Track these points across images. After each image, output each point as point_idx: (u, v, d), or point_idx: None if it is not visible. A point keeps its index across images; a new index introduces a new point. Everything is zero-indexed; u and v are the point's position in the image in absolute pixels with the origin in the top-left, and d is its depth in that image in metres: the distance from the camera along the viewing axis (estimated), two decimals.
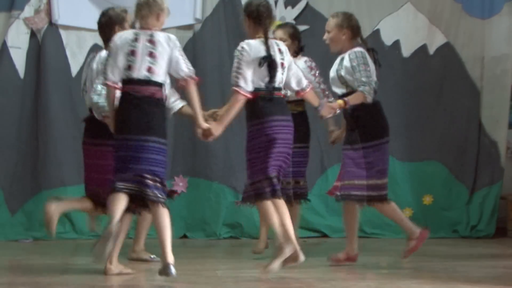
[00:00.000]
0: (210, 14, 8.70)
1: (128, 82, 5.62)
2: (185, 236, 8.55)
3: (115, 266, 5.99)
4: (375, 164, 6.41)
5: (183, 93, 5.96)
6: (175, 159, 8.48)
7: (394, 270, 6.46)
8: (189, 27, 8.73)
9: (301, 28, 8.63)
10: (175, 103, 6.42)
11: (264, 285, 5.78)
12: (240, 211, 8.18)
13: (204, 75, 8.04)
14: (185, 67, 5.68)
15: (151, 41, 5.62)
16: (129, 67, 5.60)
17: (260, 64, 5.79)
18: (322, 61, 8.17)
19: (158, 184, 5.60)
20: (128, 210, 5.72)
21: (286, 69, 5.97)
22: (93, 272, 6.09)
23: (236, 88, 5.81)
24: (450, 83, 8.92)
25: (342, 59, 6.48)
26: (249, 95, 5.81)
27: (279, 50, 5.96)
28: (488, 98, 8.91)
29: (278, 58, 5.90)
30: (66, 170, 8.39)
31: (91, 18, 8.45)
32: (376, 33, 8.87)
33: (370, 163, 6.40)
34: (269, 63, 5.81)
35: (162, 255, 5.58)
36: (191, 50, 8.60)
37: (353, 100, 6.31)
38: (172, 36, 5.70)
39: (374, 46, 8.82)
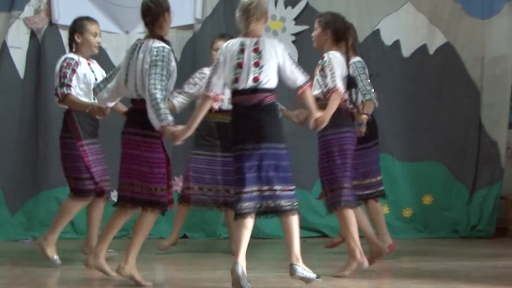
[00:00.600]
0: (210, 14, 8.70)
1: (236, 93, 5.54)
2: (185, 236, 8.55)
3: (129, 268, 5.64)
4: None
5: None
6: (175, 159, 8.46)
7: (394, 270, 6.46)
8: (189, 27, 8.73)
9: (301, 28, 8.66)
10: None
11: (264, 285, 5.77)
12: None
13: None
14: (301, 76, 5.62)
15: (256, 50, 5.52)
16: (236, 80, 5.51)
17: None
18: None
19: (290, 192, 5.52)
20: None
21: None
22: (92, 272, 6.09)
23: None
24: (450, 83, 8.92)
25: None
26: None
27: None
28: (488, 98, 8.91)
29: None
30: None
31: None
32: (376, 33, 8.87)
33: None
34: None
35: (291, 256, 5.60)
36: (191, 50, 8.61)
37: (370, 109, 6.68)
38: (281, 45, 5.63)
39: (374, 46, 8.89)
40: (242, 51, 5.50)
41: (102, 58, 8.08)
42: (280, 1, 8.79)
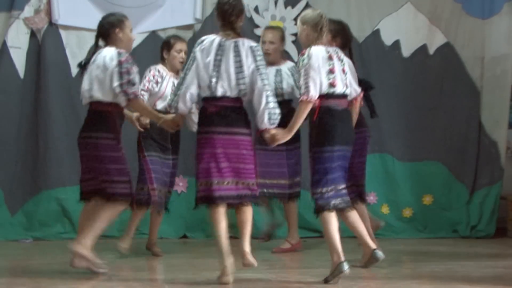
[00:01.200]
0: (210, 14, 8.69)
1: (328, 96, 5.79)
2: (185, 236, 8.55)
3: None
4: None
5: None
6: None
7: (394, 270, 6.45)
8: (189, 27, 8.73)
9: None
10: None
11: (264, 285, 5.77)
12: None
13: None
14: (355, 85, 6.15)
15: (339, 58, 5.93)
16: (331, 84, 5.79)
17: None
18: None
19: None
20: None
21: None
22: (92, 272, 6.09)
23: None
24: (450, 83, 8.92)
25: None
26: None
27: None
28: (488, 98, 8.91)
29: None
30: (66, 170, 8.38)
31: (91, 18, 8.46)
32: (376, 33, 8.87)
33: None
34: None
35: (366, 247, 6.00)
36: (191, 50, 8.58)
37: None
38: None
39: (374, 46, 8.89)
40: (330, 58, 5.82)
41: None
42: (280, 1, 8.79)
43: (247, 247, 5.72)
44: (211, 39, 5.85)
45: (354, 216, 5.95)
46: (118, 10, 8.19)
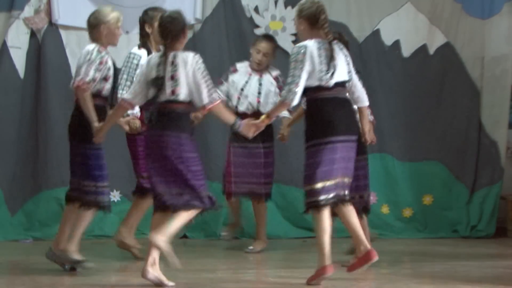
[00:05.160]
0: (210, 14, 8.69)
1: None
2: (185, 236, 8.54)
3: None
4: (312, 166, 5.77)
5: None
6: None
7: (394, 270, 6.46)
8: (189, 27, 8.71)
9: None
10: None
11: (264, 285, 5.77)
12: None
13: None
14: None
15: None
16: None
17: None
18: None
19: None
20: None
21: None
22: (92, 272, 6.10)
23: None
24: (450, 83, 8.92)
25: None
26: None
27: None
28: (488, 98, 8.91)
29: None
30: (66, 170, 8.32)
31: None
32: (376, 33, 8.87)
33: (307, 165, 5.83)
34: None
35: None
36: (191, 50, 8.55)
37: (275, 111, 5.98)
38: None
39: (374, 46, 8.88)
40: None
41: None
42: (280, 1, 8.78)
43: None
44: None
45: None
46: (118, 10, 8.21)
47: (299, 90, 5.69)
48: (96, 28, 6.34)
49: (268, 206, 7.70)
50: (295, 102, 5.75)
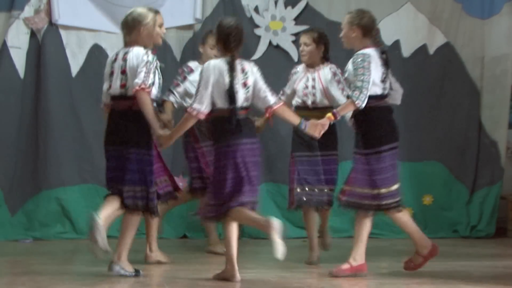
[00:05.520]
0: (210, 14, 8.69)
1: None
2: (185, 236, 8.54)
3: (155, 254, 6.65)
4: (376, 172, 6.10)
5: None
6: (175, 159, 8.48)
7: (394, 270, 6.45)
8: (189, 27, 8.73)
9: (301, 28, 8.66)
10: None
11: (264, 285, 5.78)
12: None
13: None
14: None
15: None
16: None
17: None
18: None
19: None
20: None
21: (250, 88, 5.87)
22: (92, 272, 6.10)
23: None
24: (450, 83, 8.92)
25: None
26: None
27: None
28: (488, 98, 8.91)
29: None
30: (66, 170, 8.39)
31: (91, 18, 8.49)
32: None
33: (372, 171, 6.09)
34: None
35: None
36: (191, 50, 8.60)
37: (343, 110, 6.05)
38: None
39: None
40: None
41: (102, 58, 8.10)
42: (280, 1, 8.78)
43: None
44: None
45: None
46: (118, 10, 8.23)
47: (368, 94, 5.96)
48: (135, 29, 6.03)
49: (268, 206, 7.69)
50: (363, 105, 5.95)
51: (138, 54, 5.93)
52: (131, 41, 6.00)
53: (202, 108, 5.77)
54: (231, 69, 5.75)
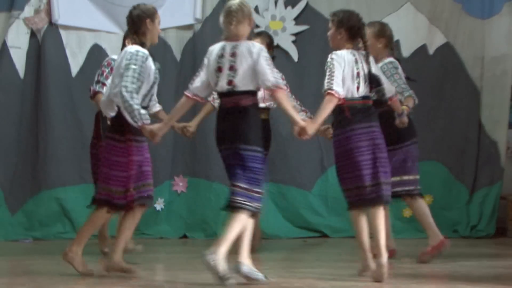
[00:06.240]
0: (210, 14, 8.70)
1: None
2: (185, 236, 8.55)
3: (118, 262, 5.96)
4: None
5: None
6: (175, 159, 8.49)
7: (394, 270, 6.45)
8: (189, 27, 8.74)
9: (301, 28, 8.68)
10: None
11: (264, 285, 5.77)
12: None
13: None
14: (272, 78, 5.70)
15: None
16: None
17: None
18: (322, 60, 8.18)
19: None
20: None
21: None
22: (92, 271, 6.09)
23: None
24: (450, 83, 8.92)
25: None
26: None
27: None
28: (488, 98, 8.91)
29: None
30: (66, 170, 8.39)
31: (91, 18, 8.49)
32: None
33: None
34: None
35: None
36: (191, 50, 8.61)
37: (410, 104, 6.60)
38: (257, 46, 5.71)
39: None
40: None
41: (101, 58, 8.09)
42: (280, 1, 8.79)
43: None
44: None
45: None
46: (118, 10, 8.24)
47: None
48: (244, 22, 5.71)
49: (268, 206, 7.69)
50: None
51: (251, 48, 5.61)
52: (236, 34, 5.66)
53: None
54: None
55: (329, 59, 5.82)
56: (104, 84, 6.66)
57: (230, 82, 5.52)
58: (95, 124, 6.90)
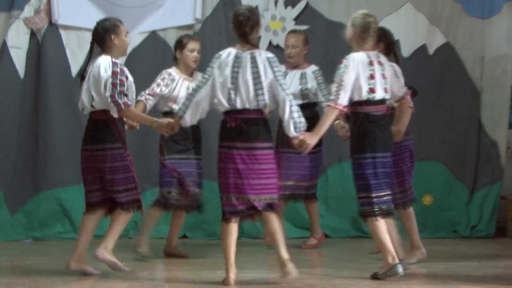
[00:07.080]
0: (210, 14, 8.70)
1: (368, 103, 5.88)
2: (185, 236, 8.54)
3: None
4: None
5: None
6: None
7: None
8: (189, 27, 8.73)
9: (301, 28, 8.67)
10: None
11: (264, 285, 5.78)
12: None
13: None
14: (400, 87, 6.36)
15: (380, 63, 6.03)
16: (371, 90, 5.91)
17: None
18: (322, 61, 8.20)
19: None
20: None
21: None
22: (92, 271, 6.09)
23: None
24: (450, 83, 8.92)
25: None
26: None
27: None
28: (488, 98, 8.91)
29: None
30: (66, 170, 8.38)
31: (91, 18, 8.45)
32: None
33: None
34: None
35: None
36: None
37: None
38: None
39: None
40: (371, 63, 5.97)
41: None
42: (280, 1, 8.79)
43: (285, 254, 5.68)
44: (228, 52, 5.84)
45: (388, 224, 6.09)
46: (118, 10, 8.24)
47: None
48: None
49: None
50: None
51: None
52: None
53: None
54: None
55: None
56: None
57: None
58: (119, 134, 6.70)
